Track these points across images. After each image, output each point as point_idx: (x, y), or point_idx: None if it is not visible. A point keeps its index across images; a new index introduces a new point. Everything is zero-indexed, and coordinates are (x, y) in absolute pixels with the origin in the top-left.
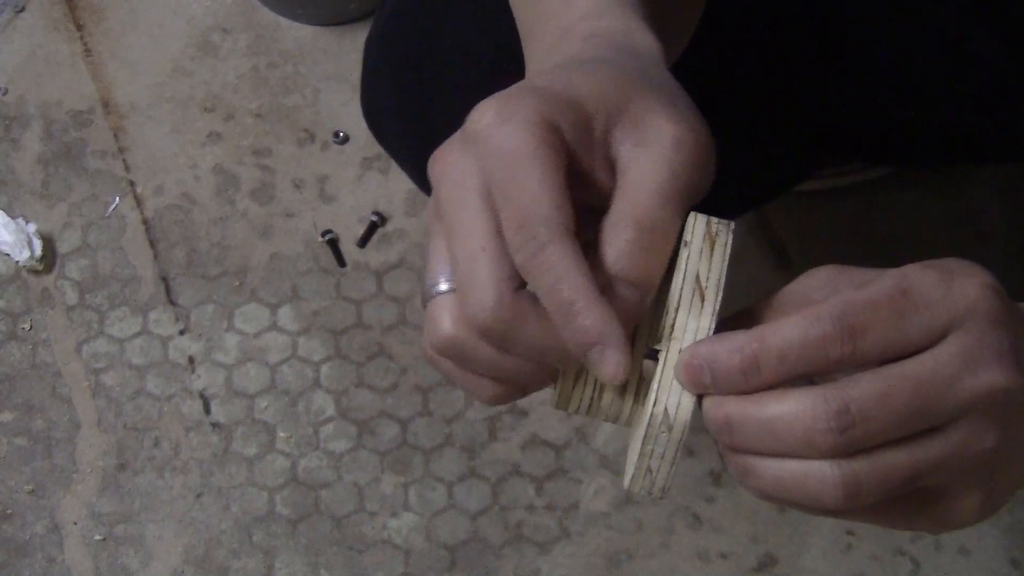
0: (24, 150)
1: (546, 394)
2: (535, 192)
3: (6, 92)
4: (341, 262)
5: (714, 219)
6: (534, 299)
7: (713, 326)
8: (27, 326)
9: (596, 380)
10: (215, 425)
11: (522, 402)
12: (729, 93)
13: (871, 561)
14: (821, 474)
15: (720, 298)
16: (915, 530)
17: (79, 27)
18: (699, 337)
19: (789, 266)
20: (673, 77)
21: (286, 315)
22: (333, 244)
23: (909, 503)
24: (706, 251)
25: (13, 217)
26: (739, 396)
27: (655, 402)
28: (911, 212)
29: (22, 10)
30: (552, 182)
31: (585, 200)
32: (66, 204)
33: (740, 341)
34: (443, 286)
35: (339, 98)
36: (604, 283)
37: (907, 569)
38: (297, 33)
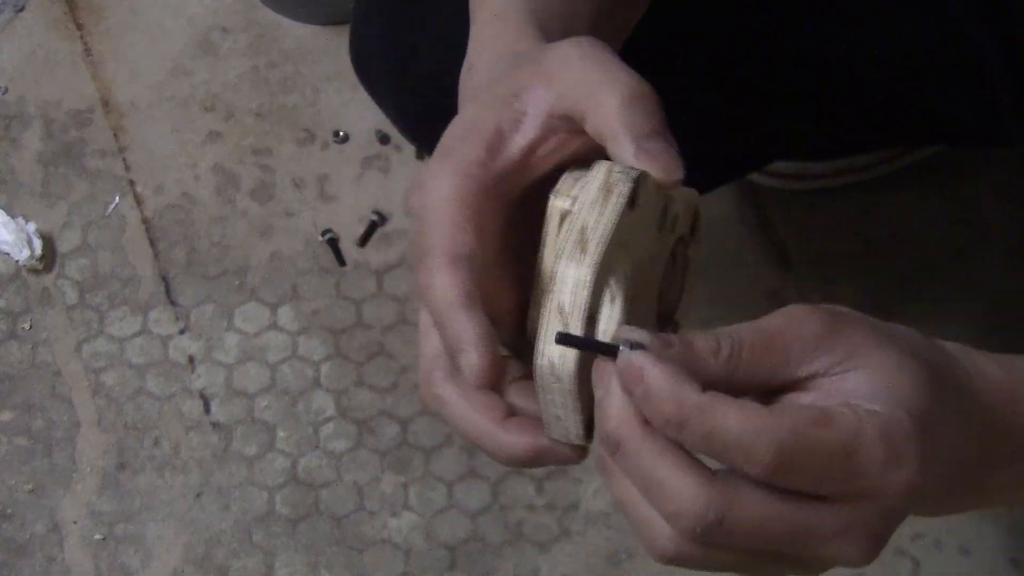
0: (24, 149)
1: None
2: (428, 234)
3: (6, 91)
4: (341, 261)
5: (616, 167)
6: (456, 385)
7: (592, 278)
8: (27, 325)
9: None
10: (215, 425)
11: None
12: (721, 44)
13: None
14: (660, 536)
15: (604, 250)
16: None
17: (79, 26)
18: (578, 289)
19: (790, 265)
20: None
21: (286, 314)
22: (333, 243)
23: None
24: (599, 201)
25: (13, 216)
26: (642, 427)
27: (541, 354)
28: (911, 212)
29: (22, 9)
30: (447, 219)
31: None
32: (66, 203)
33: (685, 396)
34: None
35: (339, 97)
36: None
37: (907, 569)
38: (297, 32)
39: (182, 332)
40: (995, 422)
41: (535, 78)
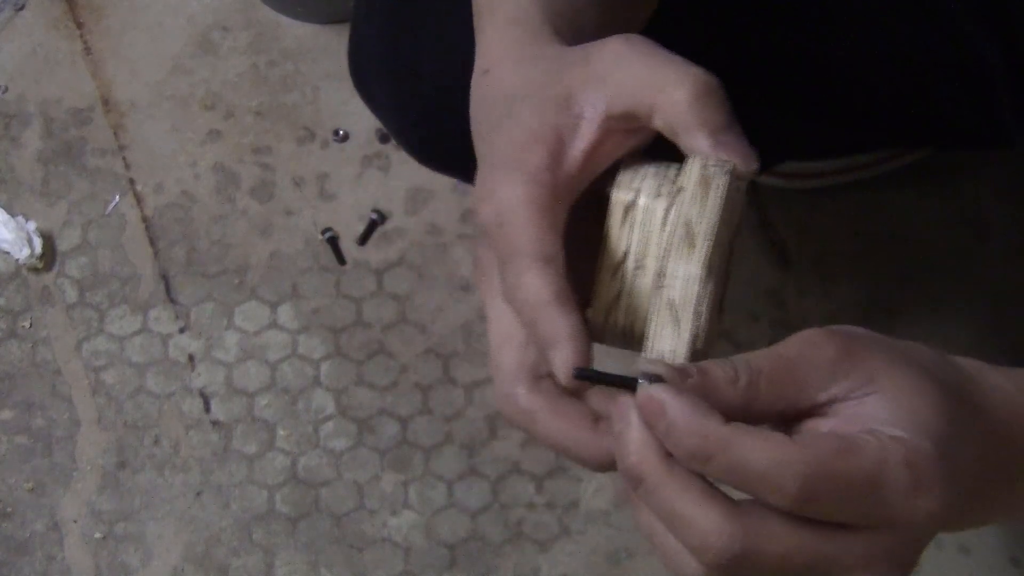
0: (24, 148)
1: None
2: (512, 238)
3: (6, 90)
4: (341, 260)
5: (711, 161)
6: (552, 392)
7: (703, 273)
8: (27, 324)
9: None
10: (215, 423)
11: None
12: (721, 45)
13: None
14: (689, 568)
15: (711, 244)
16: None
17: (79, 25)
18: (689, 284)
19: (790, 265)
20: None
21: (286, 313)
22: (333, 242)
23: None
24: (699, 195)
25: (13, 215)
26: (664, 461)
27: (650, 349)
28: (911, 212)
29: (22, 8)
30: (531, 224)
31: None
32: (66, 202)
33: (709, 430)
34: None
35: (339, 96)
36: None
37: None
38: (297, 31)
39: (182, 331)
40: (1008, 436)
41: (586, 80)
